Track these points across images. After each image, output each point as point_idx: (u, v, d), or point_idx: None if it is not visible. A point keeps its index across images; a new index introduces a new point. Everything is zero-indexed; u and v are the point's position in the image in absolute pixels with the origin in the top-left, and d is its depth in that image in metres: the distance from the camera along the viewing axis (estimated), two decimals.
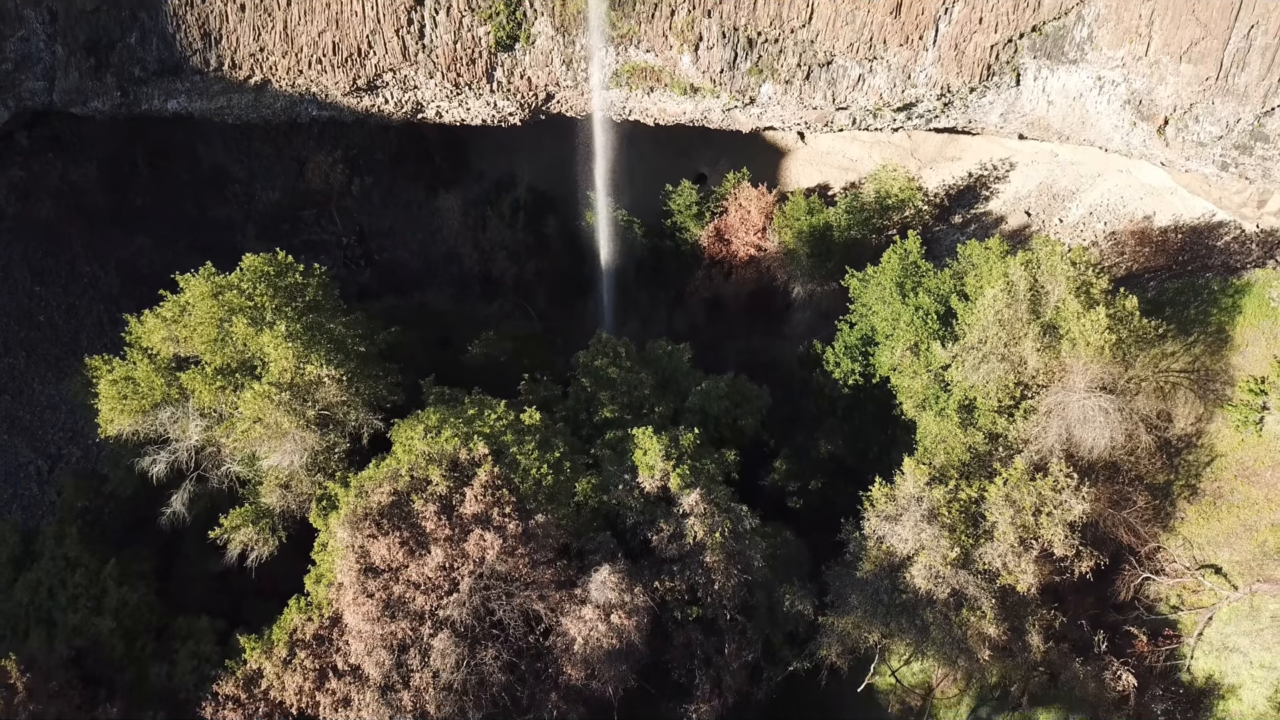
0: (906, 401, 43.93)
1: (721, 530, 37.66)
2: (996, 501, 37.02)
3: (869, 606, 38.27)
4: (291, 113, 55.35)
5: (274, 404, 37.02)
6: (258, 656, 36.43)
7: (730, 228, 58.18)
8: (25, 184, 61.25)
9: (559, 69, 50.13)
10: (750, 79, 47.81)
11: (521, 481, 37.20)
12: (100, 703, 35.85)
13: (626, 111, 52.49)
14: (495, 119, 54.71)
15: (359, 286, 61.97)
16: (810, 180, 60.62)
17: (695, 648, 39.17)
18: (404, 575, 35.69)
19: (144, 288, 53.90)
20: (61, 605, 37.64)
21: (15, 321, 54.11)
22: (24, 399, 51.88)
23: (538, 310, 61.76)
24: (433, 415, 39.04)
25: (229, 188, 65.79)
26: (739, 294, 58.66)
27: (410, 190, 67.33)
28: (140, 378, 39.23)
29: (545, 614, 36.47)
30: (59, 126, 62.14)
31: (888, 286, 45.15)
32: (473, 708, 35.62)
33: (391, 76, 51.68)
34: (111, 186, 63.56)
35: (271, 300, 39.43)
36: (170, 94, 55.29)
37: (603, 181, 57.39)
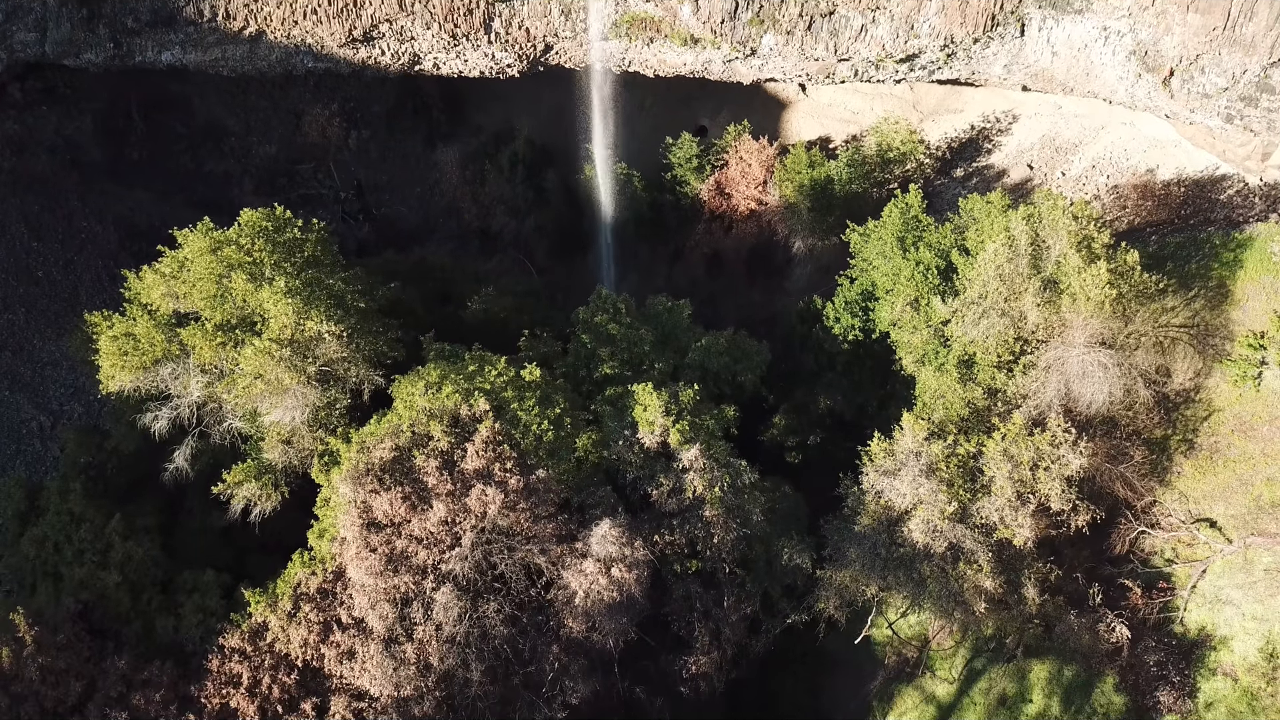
0: (906, 357, 43.97)
1: (720, 485, 37.92)
2: (994, 456, 37.23)
3: (866, 560, 38.65)
4: (287, 65, 54.68)
5: (275, 360, 37.06)
6: (263, 610, 36.84)
7: (731, 181, 57.76)
8: (20, 138, 60.74)
9: (557, 20, 49.41)
10: (751, 29, 47.14)
11: (522, 437, 37.37)
12: (108, 655, 36.28)
13: (626, 63, 51.84)
14: (493, 71, 54.06)
15: (358, 241, 61.80)
16: (812, 133, 60.06)
17: (695, 601, 39.65)
18: (406, 530, 36.00)
19: (142, 243, 53.90)
20: (68, 560, 37.98)
21: (13, 278, 54.01)
22: (25, 355, 51.96)
23: (537, 266, 61.60)
24: (433, 371, 39.10)
25: (225, 141, 65.26)
26: (739, 249, 58.42)
27: (408, 144, 66.80)
28: (140, 334, 39.22)
29: (546, 568, 36.86)
30: (52, 79, 61.47)
31: (888, 241, 44.93)
32: (475, 660, 36.11)
33: (388, 27, 50.97)
34: (107, 140, 63.04)
35: (270, 256, 39.28)
36: (164, 45, 54.58)
37: (602, 135, 56.91)
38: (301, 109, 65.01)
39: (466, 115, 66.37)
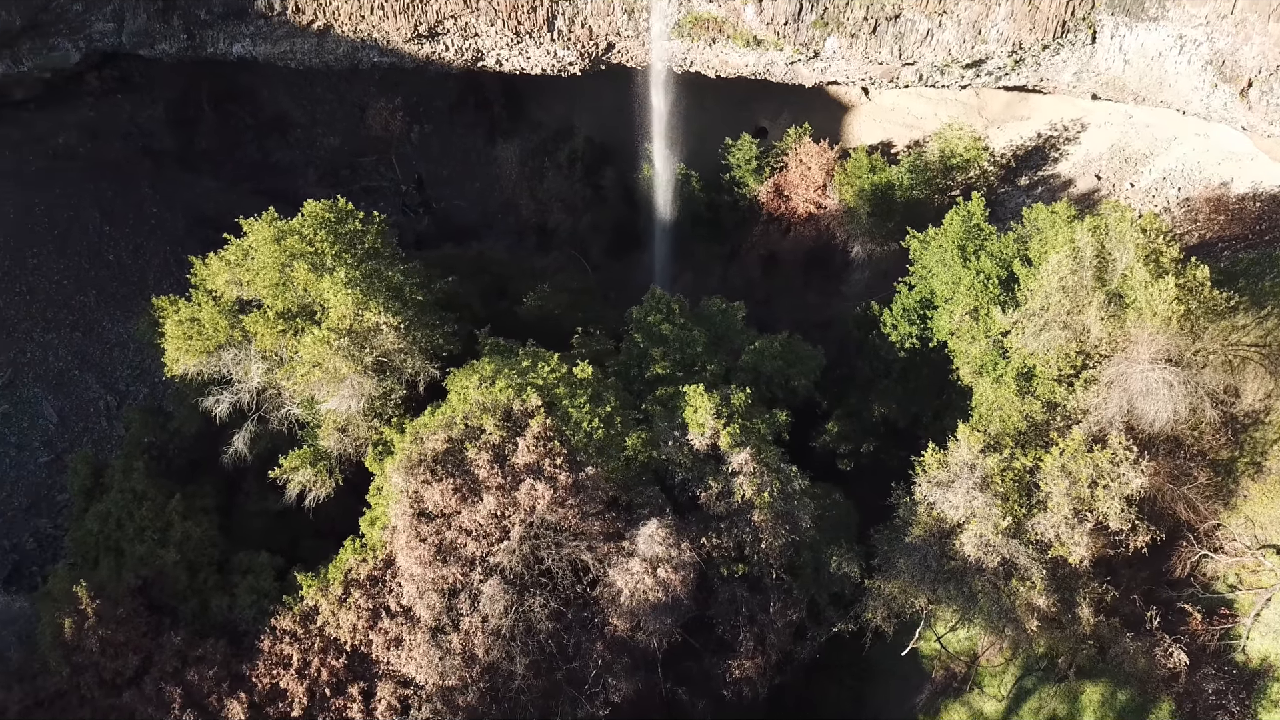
0: (963, 367, 43.30)
1: (770, 490, 37.69)
2: (1052, 472, 36.47)
3: (917, 571, 38.12)
4: (353, 59, 55.60)
5: (333, 349, 37.65)
6: (314, 594, 37.43)
7: (790, 184, 57.41)
8: (95, 125, 62.48)
9: (620, 18, 49.53)
10: (815, 32, 46.80)
11: (573, 434, 37.51)
12: (165, 631, 37.13)
13: (687, 63, 51.79)
14: (555, 68, 54.38)
15: (417, 235, 62.53)
16: (873, 137, 59.46)
17: (740, 605, 39.46)
18: (456, 521, 36.33)
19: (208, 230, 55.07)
20: (129, 536, 38.87)
21: (86, 260, 55.53)
22: (94, 336, 53.41)
23: (592, 263, 61.78)
24: (488, 365, 39.42)
25: (291, 133, 66.49)
26: (796, 251, 58.04)
27: (469, 139, 67.45)
28: (205, 319, 40.11)
29: (593, 565, 36.97)
30: (127, 68, 63.15)
31: (949, 249, 44.30)
32: (519, 653, 36.34)
33: (452, 23, 51.54)
34: (178, 129, 64.60)
35: (332, 246, 39.89)
36: (235, 38, 55.85)
37: (661, 134, 56.89)
38: (366, 102, 65.98)
39: (527, 112, 66.82)
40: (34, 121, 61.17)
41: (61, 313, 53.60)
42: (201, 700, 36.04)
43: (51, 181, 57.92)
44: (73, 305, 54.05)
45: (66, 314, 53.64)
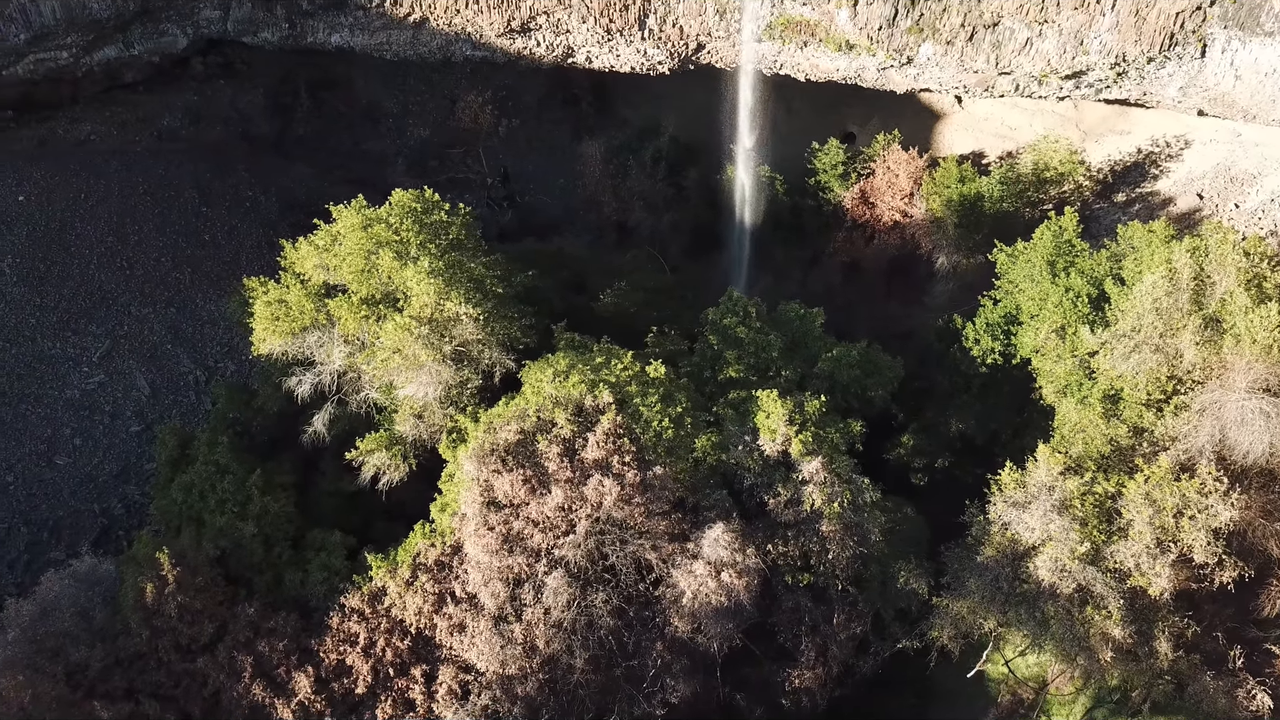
0: (1047, 386, 42.14)
1: (840, 500, 37.21)
2: (1135, 499, 35.28)
3: (987, 592, 37.27)
4: (446, 51, 56.54)
5: (413, 336, 38.32)
6: (383, 575, 38.13)
7: (876, 191, 56.58)
8: (198, 109, 64.71)
9: (711, 19, 49.39)
10: (909, 38, 46.01)
11: (643, 432, 37.55)
12: (239, 601, 38.22)
13: (777, 65, 51.41)
14: (644, 67, 54.50)
15: (499, 228, 63.27)
16: (964, 147, 58.24)
17: (803, 614, 39.06)
18: (524, 512, 36.67)
19: (300, 215, 56.62)
20: (210, 507, 40.08)
21: (183, 239, 57.50)
22: (188, 312, 55.28)
23: (670, 263, 61.72)
24: (562, 360, 39.69)
25: (383, 122, 67.90)
26: (879, 259, 57.20)
27: (555, 134, 68.00)
28: (292, 301, 41.19)
29: (657, 564, 36.96)
30: (231, 54, 65.25)
31: (1038, 264, 43.17)
32: (580, 647, 36.51)
33: (545, 19, 52.00)
34: (276, 115, 66.49)
35: (417, 236, 40.59)
36: (334, 28, 57.25)
37: (747, 136, 56.58)
38: (456, 95, 67.02)
39: (614, 109, 67.09)
40: (141, 103, 63.64)
41: (158, 288, 55.62)
42: (271, 671, 37.02)
43: (155, 162, 60.15)
44: (169, 281, 56.02)
45: (163, 290, 55.63)
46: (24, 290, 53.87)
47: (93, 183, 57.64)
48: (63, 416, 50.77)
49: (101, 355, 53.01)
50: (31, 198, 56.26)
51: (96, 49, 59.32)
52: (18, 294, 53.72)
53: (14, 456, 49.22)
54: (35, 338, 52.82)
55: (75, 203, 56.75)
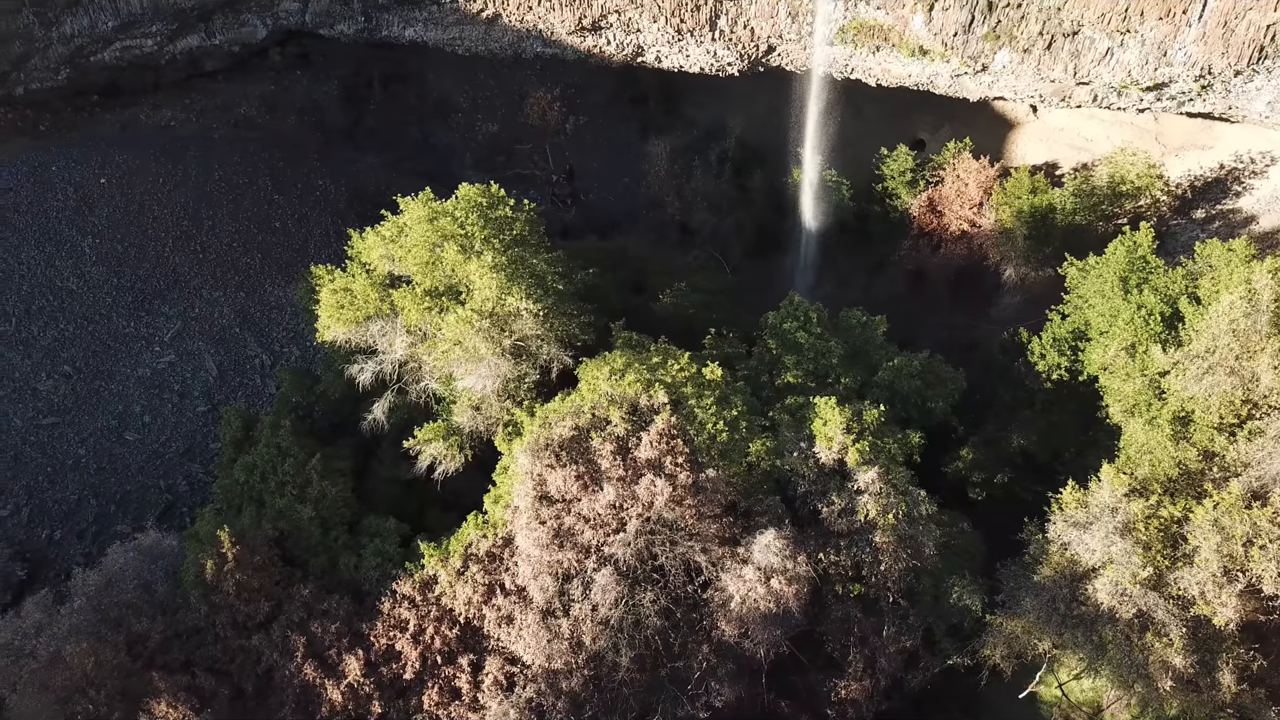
0: (1114, 404, 41.07)
1: (895, 512, 36.71)
2: (1202, 525, 34.17)
3: (1043, 613, 36.42)
4: (517, 48, 57.03)
5: (474, 329, 38.70)
6: (435, 563, 38.58)
7: (944, 199, 55.71)
8: (274, 98, 66.20)
9: (784, 21, 49.05)
10: (985, 45, 45.17)
11: (697, 434, 37.45)
12: (295, 582, 38.97)
13: (848, 70, 50.87)
14: (713, 68, 54.34)
15: (563, 224, 63.62)
16: (1037, 157, 57.02)
17: (853, 625, 38.63)
18: (576, 508, 36.80)
19: (368, 205, 57.54)
20: (271, 489, 40.91)
21: (255, 225, 58.85)
22: (256, 297, 56.54)
23: (732, 265, 61.53)
24: (619, 358, 39.76)
25: (452, 117, 68.74)
26: (945, 269, 56.33)
27: (622, 133, 68.19)
28: (357, 290, 41.87)
29: (706, 567, 36.84)
30: (308, 46, 66.60)
31: (1110, 280, 42.06)
32: (626, 646, 36.56)
33: (616, 18, 52.14)
34: (348, 107, 67.74)
35: (481, 231, 40.98)
36: (409, 22, 58.13)
37: (814, 140, 56.11)
38: (525, 91, 67.55)
39: (681, 110, 67.03)
40: (220, 91, 65.30)
41: (229, 273, 57.00)
42: (322, 652, 37.69)
43: (231, 149, 61.67)
44: (240, 266, 57.37)
45: (234, 274, 57.00)
46: (102, 270, 55.63)
47: (171, 168, 59.32)
48: (134, 394, 52.32)
49: (173, 336, 54.49)
50: (113, 180, 58.09)
51: (180, 38, 61.07)
52: (96, 274, 55.49)
53: (87, 430, 50.84)
54: (111, 316, 54.50)
55: (154, 186, 58.45)
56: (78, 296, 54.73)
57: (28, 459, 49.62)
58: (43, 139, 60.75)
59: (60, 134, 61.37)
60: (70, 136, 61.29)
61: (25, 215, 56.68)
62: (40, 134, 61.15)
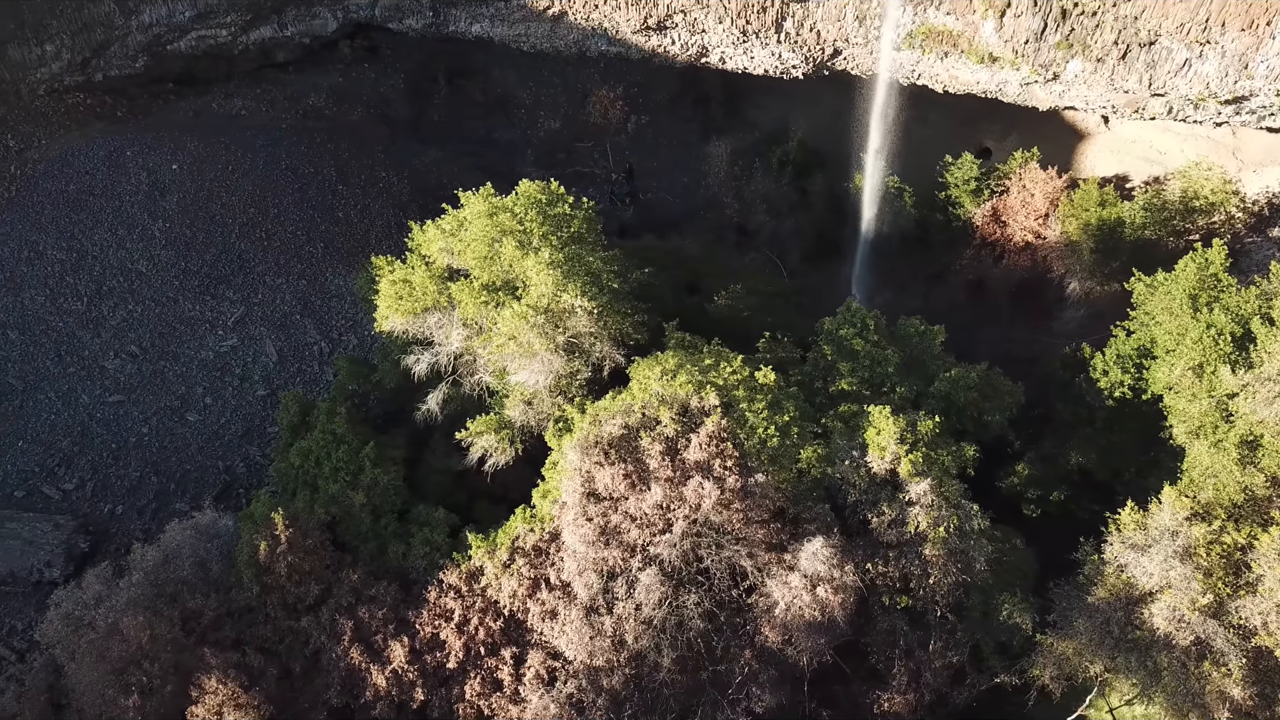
0: (1178, 425, 39.99)
1: (947, 525, 36.15)
2: (1268, 553, 33.13)
3: (1096, 635, 35.62)
4: (582, 46, 57.31)
5: (529, 325, 38.94)
6: (482, 555, 38.86)
7: (1009, 209, 54.73)
8: (342, 90, 67.30)
9: (850, 25, 48.62)
10: (1057, 53, 44.31)
11: (747, 438, 37.25)
12: (344, 567, 39.52)
13: (915, 75, 50.26)
14: (777, 70, 54.06)
15: (620, 223, 63.77)
16: (1107, 169, 55.78)
17: (899, 637, 38.16)
18: (622, 506, 36.84)
19: (429, 198, 58.23)
20: (325, 474, 41.54)
21: (319, 214, 59.85)
22: (317, 285, 57.52)
23: (789, 268, 61.12)
24: (671, 359, 39.69)
25: (515, 113, 69.25)
26: (1007, 280, 55.35)
27: (683, 133, 68.14)
28: (416, 282, 42.36)
29: (752, 572, 36.64)
30: (376, 39, 67.61)
31: (1179, 297, 40.97)
32: (668, 647, 36.50)
33: (681, 18, 52.12)
34: (414, 100, 68.61)
35: (540, 227, 41.21)
36: (475, 18, 58.73)
37: (877, 145, 55.50)
38: (589, 89, 67.80)
39: (744, 111, 66.78)
40: (290, 82, 66.56)
41: (293, 261, 58.06)
42: (369, 637, 38.21)
43: (298, 139, 62.78)
44: (303, 255, 58.40)
45: (296, 262, 58.04)
46: (171, 254, 57.03)
47: (240, 156, 60.57)
48: (196, 375, 53.56)
49: (236, 321, 55.66)
50: (184, 167, 59.48)
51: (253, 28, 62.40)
52: (165, 257, 56.90)
53: (150, 410, 52.17)
54: (178, 299, 55.84)
55: (223, 174, 59.75)
56: (147, 279, 56.18)
57: (94, 435, 51.07)
58: (119, 124, 62.46)
59: (136, 120, 63.05)
60: (145, 122, 62.94)
61: (100, 198, 58.32)
62: (117, 119, 62.88)
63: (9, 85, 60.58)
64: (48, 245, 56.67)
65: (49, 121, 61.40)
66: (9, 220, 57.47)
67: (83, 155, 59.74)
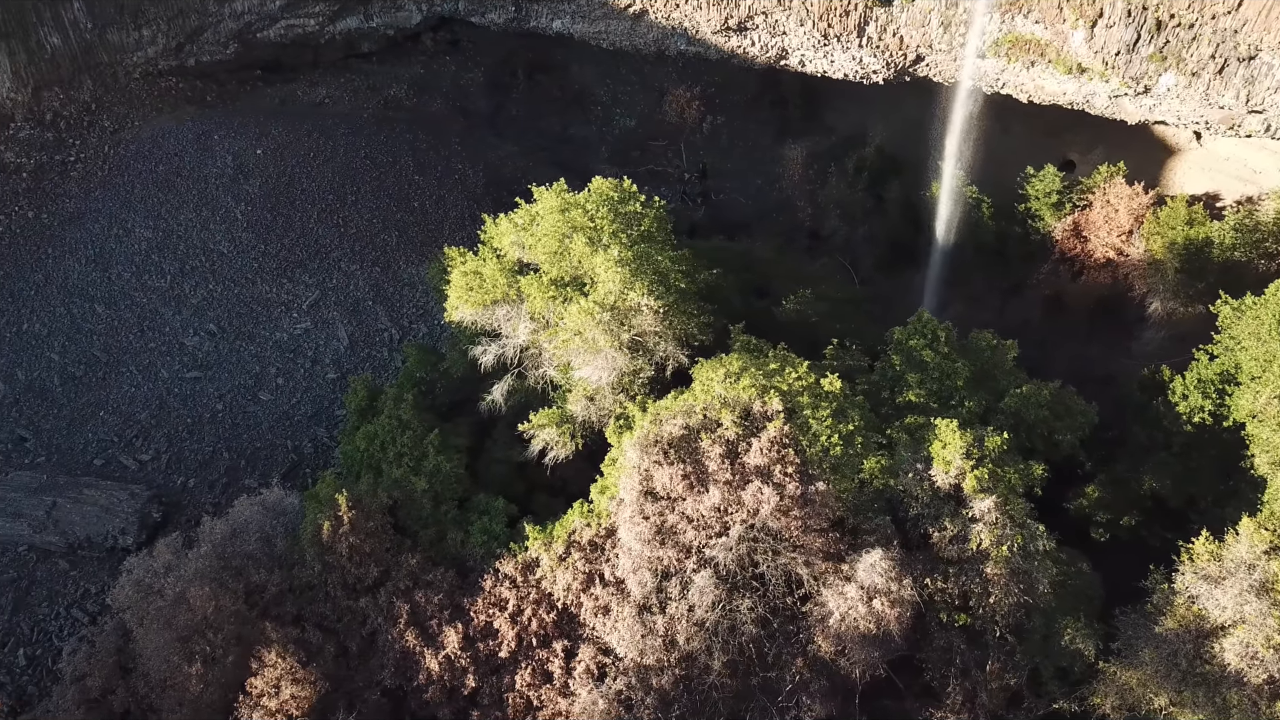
0: (1260, 455, 38.51)
1: (1010, 544, 35.35)
2: None
3: (1162, 667, 34.50)
4: (661, 44, 57.35)
5: (595, 321, 39.08)
6: (538, 547, 39.12)
7: (1091, 224, 53.32)
8: (423, 81, 68.44)
9: (935, 31, 47.83)
10: (1150, 66, 43.02)
11: (809, 446, 36.88)
12: (404, 551, 40.07)
13: (998, 84, 49.25)
14: (857, 75, 53.43)
15: (691, 223, 63.70)
16: (1197, 187, 53.96)
17: (955, 655, 37.42)
18: (680, 507, 36.75)
19: (503, 192, 58.88)
20: (389, 459, 42.22)
21: (395, 203, 60.89)
22: (390, 273, 58.53)
23: (860, 275, 60.42)
24: (735, 362, 39.49)
25: (592, 110, 69.63)
26: (1085, 297, 53.93)
27: (758, 135, 67.82)
28: (487, 274, 42.81)
29: (808, 580, 36.27)
30: (458, 33, 68.59)
31: (1268, 322, 39.46)
32: (719, 650, 36.31)
33: (762, 19, 51.82)
34: (492, 93, 69.41)
35: (610, 224, 41.31)
36: (557, 14, 59.12)
37: (956, 154, 54.54)
38: (666, 88, 67.90)
39: (821, 114, 66.21)
40: (373, 72, 67.88)
41: (367, 248, 59.17)
42: (424, 621, 38.73)
43: (378, 128, 63.98)
44: (377, 242, 59.48)
45: (371, 249, 59.14)
46: (251, 236, 58.56)
47: (321, 143, 61.93)
48: (270, 356, 54.89)
49: (310, 304, 56.91)
50: (268, 152, 61.02)
51: (340, 19, 63.78)
52: (246, 239, 58.45)
53: (225, 387, 53.63)
54: (256, 281, 57.30)
55: (304, 160, 61.15)
56: (227, 259, 57.75)
57: (171, 409, 52.65)
58: (208, 109, 64.34)
59: (224, 105, 64.88)
60: (233, 107, 64.73)
61: (187, 180, 60.12)
62: (206, 104, 64.78)
63: (107, 68, 62.86)
64: (136, 223, 58.62)
65: (142, 104, 63.52)
66: (101, 198, 59.61)
67: (173, 137, 61.65)
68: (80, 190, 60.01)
